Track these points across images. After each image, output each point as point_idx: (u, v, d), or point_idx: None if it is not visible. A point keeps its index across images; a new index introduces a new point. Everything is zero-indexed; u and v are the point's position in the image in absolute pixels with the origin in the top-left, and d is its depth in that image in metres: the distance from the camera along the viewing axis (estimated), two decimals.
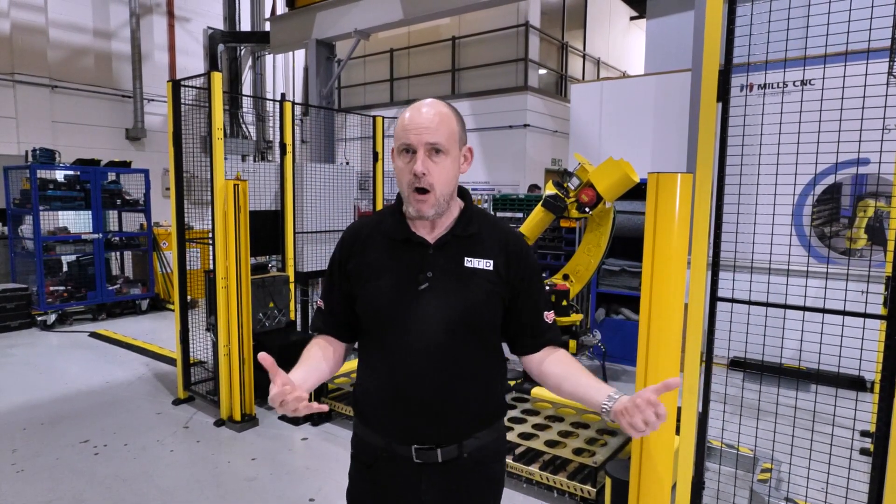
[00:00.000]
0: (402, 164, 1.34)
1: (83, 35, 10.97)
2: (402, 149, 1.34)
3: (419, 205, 1.34)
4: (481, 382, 1.43)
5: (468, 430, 1.41)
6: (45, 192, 7.27)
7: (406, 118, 1.34)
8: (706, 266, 2.26)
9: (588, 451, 3.36)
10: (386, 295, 1.38)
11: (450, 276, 1.38)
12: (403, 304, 1.37)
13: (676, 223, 2.21)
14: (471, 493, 1.43)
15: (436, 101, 1.38)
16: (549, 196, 4.70)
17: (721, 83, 2.15)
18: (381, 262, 1.41)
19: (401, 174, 1.34)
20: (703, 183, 2.19)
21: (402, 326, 1.37)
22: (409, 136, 1.31)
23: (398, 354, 1.37)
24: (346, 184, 6.06)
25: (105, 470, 3.66)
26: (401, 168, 1.34)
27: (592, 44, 13.09)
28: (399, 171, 1.35)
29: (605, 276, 6.09)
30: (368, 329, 1.45)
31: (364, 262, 1.43)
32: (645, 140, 7.80)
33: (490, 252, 1.41)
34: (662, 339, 2.24)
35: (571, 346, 4.75)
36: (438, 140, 1.31)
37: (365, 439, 1.46)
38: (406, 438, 1.38)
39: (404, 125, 1.33)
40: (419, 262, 1.39)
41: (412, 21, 9.46)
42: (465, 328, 1.37)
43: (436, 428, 1.38)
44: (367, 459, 1.45)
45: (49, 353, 6.32)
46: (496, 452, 1.50)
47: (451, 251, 1.40)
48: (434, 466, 1.38)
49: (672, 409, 2.25)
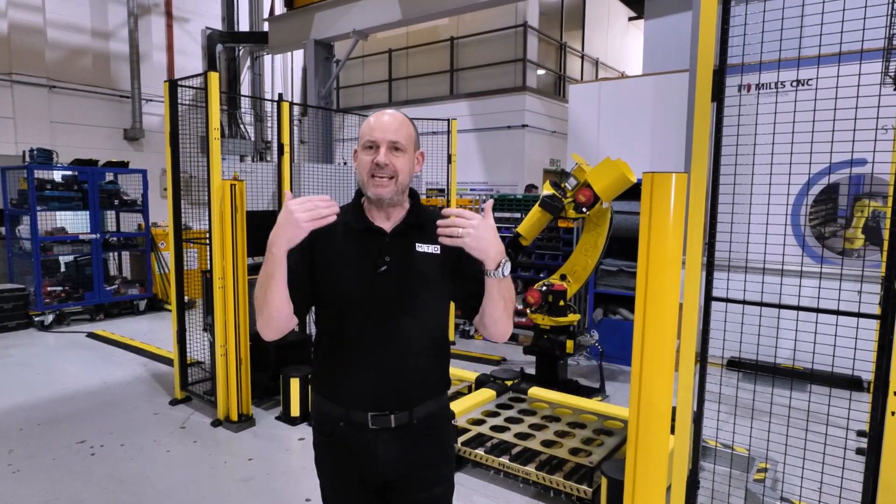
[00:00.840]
0: (366, 158, 1.54)
1: (81, 35, 10.96)
2: (366, 145, 1.54)
3: (377, 189, 1.54)
4: (430, 357, 1.63)
5: (418, 399, 1.60)
6: (43, 193, 7.26)
7: (371, 121, 1.56)
8: (700, 266, 2.26)
9: (585, 451, 3.36)
10: (349, 277, 1.56)
11: (405, 260, 1.58)
12: (365, 286, 1.55)
13: (671, 223, 2.21)
14: (422, 453, 1.63)
15: (395, 111, 1.62)
16: (546, 196, 4.70)
17: (716, 83, 2.15)
18: (343, 249, 1.57)
19: (363, 165, 1.55)
20: (698, 183, 2.20)
21: (364, 306, 1.55)
22: (374, 133, 1.53)
23: (360, 332, 1.55)
24: (344, 184, 6.05)
25: (102, 470, 3.66)
26: (364, 161, 1.55)
27: (591, 44, 13.09)
28: (362, 163, 1.55)
29: (603, 276, 6.09)
30: (331, 309, 1.59)
31: (328, 249, 1.56)
32: (643, 140, 7.80)
33: (436, 238, 1.54)
34: (657, 338, 2.24)
35: (569, 346, 4.75)
36: (399, 139, 1.54)
37: (325, 410, 1.62)
38: (364, 406, 1.56)
39: (370, 126, 1.55)
40: (378, 248, 1.57)
41: (410, 21, 9.46)
42: (419, 307, 1.58)
43: (390, 397, 1.57)
44: (328, 429, 1.62)
45: (46, 354, 6.31)
46: (442, 418, 1.70)
47: (405, 239, 1.60)
48: (388, 431, 1.57)
49: (667, 409, 2.25)
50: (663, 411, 2.30)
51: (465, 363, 6.00)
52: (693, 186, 2.22)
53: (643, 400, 2.32)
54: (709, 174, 2.15)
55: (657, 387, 2.27)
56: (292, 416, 4.35)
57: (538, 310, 4.80)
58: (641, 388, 2.32)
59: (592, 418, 3.80)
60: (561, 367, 4.85)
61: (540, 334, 4.85)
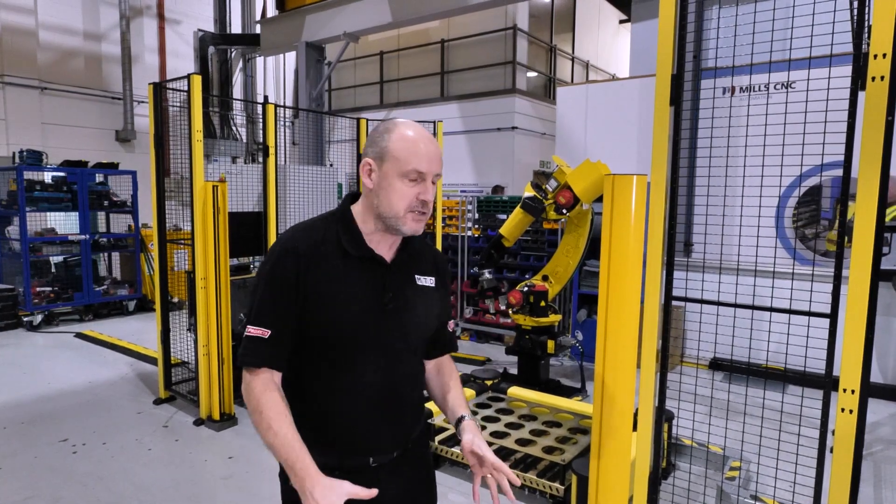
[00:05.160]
0: (407, 188, 1.35)
1: (73, 37, 10.99)
2: (411, 176, 1.35)
3: (416, 225, 1.38)
4: (421, 384, 1.60)
5: (415, 428, 1.55)
6: (32, 194, 7.29)
7: (420, 148, 1.35)
8: (661, 266, 2.32)
9: (559, 449, 3.41)
10: (356, 315, 1.38)
11: (407, 295, 1.45)
12: (373, 324, 1.39)
13: (632, 224, 2.27)
14: (419, 479, 1.58)
15: (426, 131, 1.44)
16: (527, 198, 4.76)
17: (673, 88, 2.21)
18: (341, 280, 1.37)
19: (402, 196, 1.35)
20: (658, 184, 2.25)
21: (370, 348, 1.40)
22: (422, 164, 1.34)
23: (364, 377, 1.40)
24: (330, 186, 6.10)
25: (83, 468, 3.69)
26: (406, 192, 1.35)
27: (581, 47, 13.17)
28: (401, 194, 1.35)
29: (587, 277, 6.15)
30: (326, 352, 1.39)
31: (322, 281, 1.35)
32: (630, 142, 7.86)
33: (429, 269, 1.53)
34: (618, 337, 2.30)
35: (549, 347, 4.80)
36: (441, 172, 1.40)
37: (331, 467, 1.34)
38: (365, 451, 1.43)
39: (418, 154, 1.34)
40: (381, 280, 1.42)
41: (401, 24, 9.51)
42: (421, 342, 1.53)
43: (394, 437, 1.48)
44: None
45: (34, 354, 6.34)
46: (425, 437, 1.67)
47: (404, 269, 1.47)
48: (388, 465, 1.46)
49: (629, 406, 2.30)
50: (625, 409, 2.35)
51: None
52: (653, 188, 2.28)
53: (606, 398, 2.38)
54: (667, 176, 2.21)
55: (619, 384, 2.32)
56: None
57: (520, 310, 4.85)
58: (604, 387, 2.38)
59: (568, 417, 3.86)
60: (543, 367, 4.90)
61: (522, 334, 4.90)
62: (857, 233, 1.92)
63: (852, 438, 1.97)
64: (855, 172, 1.99)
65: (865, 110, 1.89)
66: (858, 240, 1.92)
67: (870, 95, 1.87)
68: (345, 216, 1.43)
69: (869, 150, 1.88)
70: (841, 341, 1.96)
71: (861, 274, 1.91)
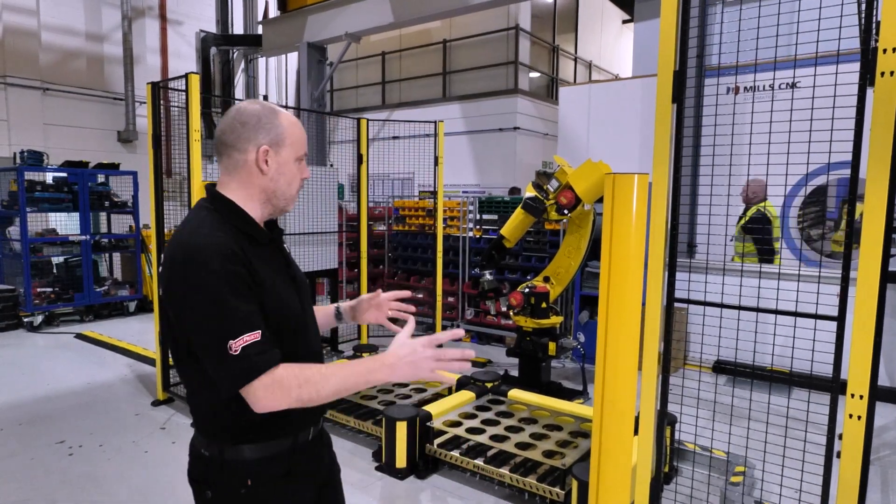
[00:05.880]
0: (297, 170, 1.46)
1: (75, 38, 10.99)
2: (302, 157, 1.46)
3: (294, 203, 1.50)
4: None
5: None
6: (33, 194, 7.27)
7: (302, 129, 1.46)
8: (663, 267, 2.27)
9: (560, 453, 3.36)
10: (290, 298, 1.43)
11: (294, 268, 1.53)
12: (297, 304, 1.45)
13: (634, 224, 2.22)
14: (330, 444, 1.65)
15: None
16: (528, 198, 4.71)
17: (676, 85, 2.16)
18: (268, 269, 1.38)
19: (296, 178, 1.46)
20: (660, 183, 2.20)
21: (301, 324, 1.45)
22: (306, 145, 1.47)
23: (302, 352, 1.42)
24: (330, 186, 6.06)
25: (78, 470, 3.65)
26: (296, 174, 1.45)
27: (584, 47, 13.12)
28: (294, 175, 1.45)
29: (589, 278, 6.09)
30: (280, 338, 1.35)
31: (260, 272, 1.33)
32: (632, 143, 7.81)
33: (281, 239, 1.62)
34: (619, 339, 2.24)
35: (551, 349, 4.75)
36: None
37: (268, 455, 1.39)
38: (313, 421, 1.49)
39: (304, 135, 1.46)
40: (284, 261, 1.49)
41: (403, 24, 9.48)
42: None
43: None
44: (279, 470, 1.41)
45: (34, 354, 6.32)
46: None
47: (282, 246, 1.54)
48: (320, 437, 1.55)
49: (630, 412, 2.25)
50: (626, 413, 2.30)
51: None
52: (655, 186, 2.23)
53: (606, 402, 2.33)
54: (669, 174, 2.16)
55: (619, 388, 2.27)
56: None
57: (521, 312, 4.80)
58: (605, 390, 2.33)
59: (569, 420, 3.80)
60: (544, 369, 4.85)
61: (523, 336, 4.85)
62: (866, 234, 1.87)
63: (860, 444, 1.91)
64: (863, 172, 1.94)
65: (874, 107, 1.83)
66: (867, 241, 1.87)
67: (879, 91, 1.82)
68: (236, 209, 1.39)
69: (878, 148, 1.83)
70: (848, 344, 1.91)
71: (869, 276, 1.85)
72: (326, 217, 5.98)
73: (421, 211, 7.60)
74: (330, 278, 6.65)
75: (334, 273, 6.40)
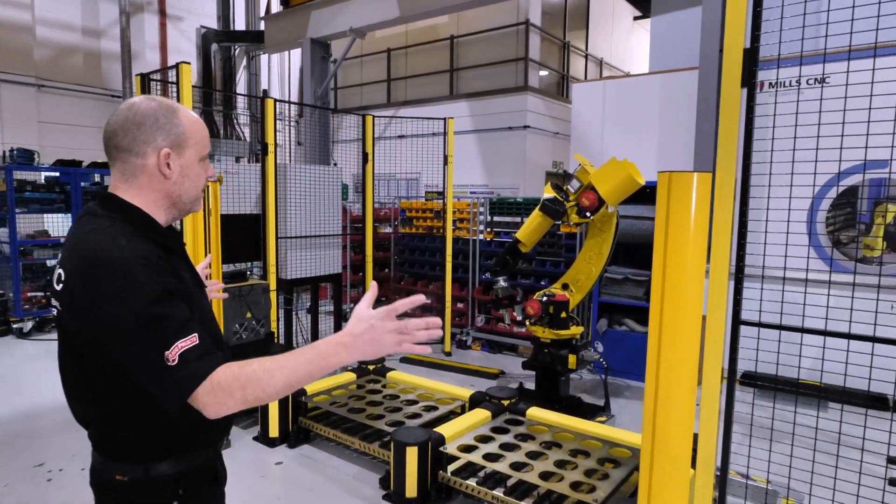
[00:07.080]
0: (202, 170, 1.36)
1: (71, 33, 10.69)
2: (205, 156, 1.36)
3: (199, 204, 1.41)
4: None
5: None
6: (23, 195, 6.97)
7: (204, 127, 1.35)
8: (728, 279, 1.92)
9: (587, 484, 3.01)
10: (207, 306, 1.41)
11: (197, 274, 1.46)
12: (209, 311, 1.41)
13: (692, 229, 1.88)
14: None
15: None
16: (547, 200, 4.36)
17: (746, 66, 1.81)
18: (183, 276, 1.31)
19: (200, 179, 1.36)
20: (725, 182, 1.85)
21: (219, 331, 1.43)
22: (209, 143, 1.36)
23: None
24: (333, 186, 5.73)
25: (56, 498, 3.32)
26: (200, 174, 1.35)
27: (595, 44, 12.77)
28: (199, 176, 1.35)
29: (608, 284, 5.74)
30: None
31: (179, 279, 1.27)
32: (650, 141, 7.47)
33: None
34: (675, 359, 1.90)
35: (571, 362, 4.40)
36: None
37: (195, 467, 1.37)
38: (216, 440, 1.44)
39: (206, 133, 1.35)
40: (191, 268, 1.41)
41: (409, 19, 9.16)
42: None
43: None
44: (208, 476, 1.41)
45: (21, 364, 5.99)
46: None
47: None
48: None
49: (687, 439, 1.90)
50: (682, 442, 1.96)
51: (460, 377, 5.65)
52: (719, 186, 1.88)
53: (658, 429, 1.98)
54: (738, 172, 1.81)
55: (674, 414, 1.92)
56: (271, 436, 4.02)
57: (538, 322, 4.45)
58: (656, 416, 1.98)
59: (597, 445, 3.45)
60: (563, 383, 4.50)
61: (540, 348, 4.50)
62: None
63: None
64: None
65: None
66: None
67: None
68: (143, 216, 1.30)
69: None
70: None
71: None
72: (329, 219, 5.64)
73: (428, 212, 7.27)
74: (333, 283, 6.32)
75: (338, 277, 6.06)
